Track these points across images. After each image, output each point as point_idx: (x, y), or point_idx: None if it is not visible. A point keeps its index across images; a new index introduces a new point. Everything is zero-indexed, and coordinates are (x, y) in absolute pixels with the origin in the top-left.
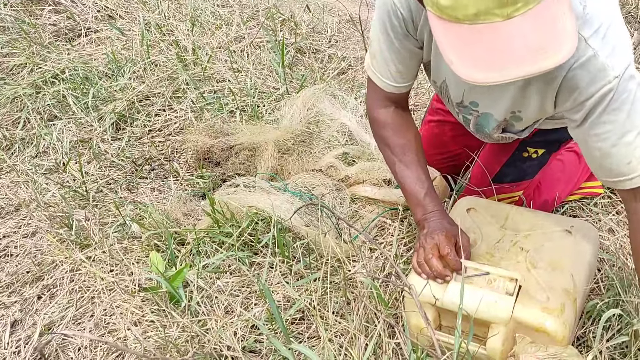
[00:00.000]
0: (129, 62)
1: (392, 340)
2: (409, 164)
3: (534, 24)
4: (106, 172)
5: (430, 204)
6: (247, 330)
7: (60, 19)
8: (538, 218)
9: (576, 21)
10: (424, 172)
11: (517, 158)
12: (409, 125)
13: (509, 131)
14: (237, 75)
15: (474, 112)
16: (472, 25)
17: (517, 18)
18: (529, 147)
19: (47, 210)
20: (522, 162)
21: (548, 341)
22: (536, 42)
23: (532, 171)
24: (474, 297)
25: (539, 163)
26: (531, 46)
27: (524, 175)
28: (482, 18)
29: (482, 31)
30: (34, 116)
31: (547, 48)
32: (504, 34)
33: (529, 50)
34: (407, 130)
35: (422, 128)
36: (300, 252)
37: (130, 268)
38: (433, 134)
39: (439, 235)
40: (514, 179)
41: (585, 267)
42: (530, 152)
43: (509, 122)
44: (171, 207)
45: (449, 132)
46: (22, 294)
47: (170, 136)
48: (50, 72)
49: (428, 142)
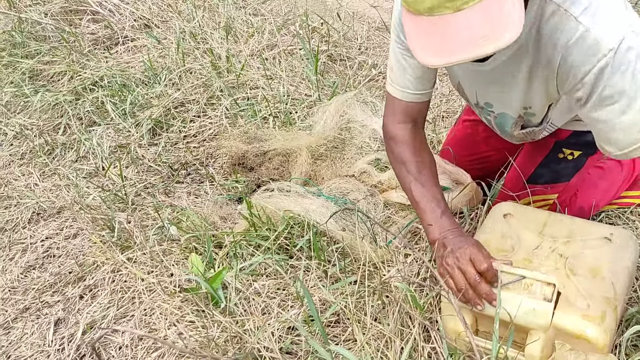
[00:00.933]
0: (164, 70)
1: (428, 344)
2: (425, 183)
3: (481, 14)
4: (144, 177)
5: (447, 222)
6: (283, 331)
7: (99, 28)
8: (576, 225)
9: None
10: (439, 191)
11: (552, 159)
12: (425, 145)
13: (528, 126)
14: (269, 82)
15: (490, 112)
16: (429, 17)
17: (466, 10)
18: (565, 148)
19: (89, 212)
20: (557, 164)
21: (588, 349)
22: (481, 31)
23: (568, 173)
24: (512, 302)
25: (575, 165)
26: (476, 35)
27: (559, 177)
28: (436, 11)
29: (436, 22)
30: (74, 122)
31: (490, 36)
32: (453, 25)
33: (473, 38)
34: (423, 149)
35: (456, 127)
36: (335, 256)
37: (170, 269)
38: (466, 133)
39: (470, 249)
40: (549, 181)
41: (625, 275)
42: (566, 153)
43: (525, 119)
44: (208, 211)
45: (482, 133)
46: (65, 293)
47: (205, 142)
48: (90, 80)
49: (460, 143)
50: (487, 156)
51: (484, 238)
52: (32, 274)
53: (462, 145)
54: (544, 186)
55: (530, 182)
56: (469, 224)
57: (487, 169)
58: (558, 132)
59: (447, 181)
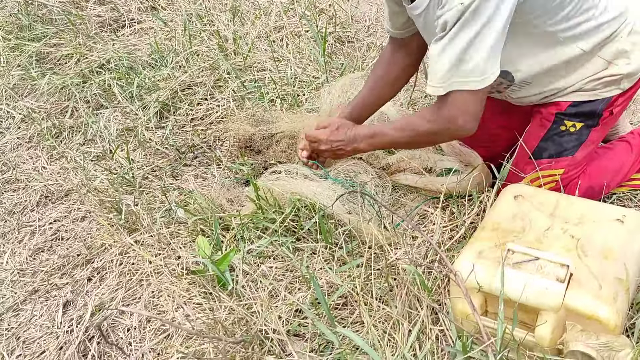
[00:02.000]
0: (171, 52)
1: (436, 326)
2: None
3: None
4: (151, 160)
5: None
6: (291, 314)
7: (105, 10)
8: (588, 206)
9: None
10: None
11: (554, 132)
12: (392, 60)
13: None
14: (277, 65)
15: None
16: None
17: None
18: (566, 120)
19: (96, 195)
20: (560, 137)
21: (600, 330)
22: None
23: (572, 146)
24: (522, 283)
25: (578, 138)
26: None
27: (563, 151)
28: None
29: None
30: (82, 105)
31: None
32: None
33: None
34: (385, 62)
35: None
36: (342, 238)
37: (178, 252)
38: None
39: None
40: (553, 154)
41: (638, 257)
42: (568, 125)
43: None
44: (215, 194)
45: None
46: (73, 275)
47: (212, 124)
48: (97, 62)
49: None
50: (495, 134)
51: (494, 219)
52: (41, 256)
53: None
54: (549, 160)
55: (535, 157)
56: (477, 207)
57: (495, 150)
58: (558, 104)
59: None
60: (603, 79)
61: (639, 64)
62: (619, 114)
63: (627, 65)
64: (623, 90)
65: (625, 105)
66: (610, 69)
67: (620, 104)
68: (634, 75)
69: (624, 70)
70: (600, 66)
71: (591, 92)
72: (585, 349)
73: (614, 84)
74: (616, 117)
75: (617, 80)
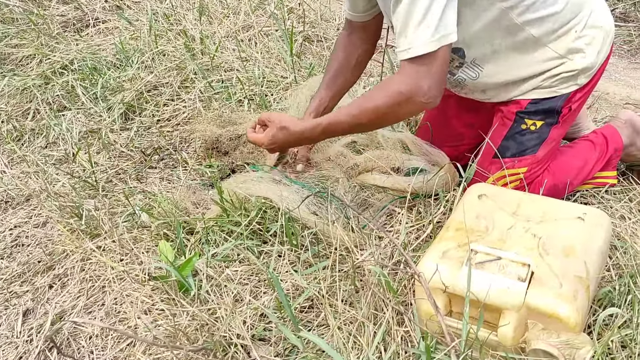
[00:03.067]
0: (137, 52)
1: (401, 328)
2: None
3: None
4: (115, 162)
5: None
6: (256, 318)
7: (69, 10)
8: (550, 205)
9: None
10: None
11: (516, 131)
12: (351, 43)
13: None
14: (245, 64)
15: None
16: None
17: None
18: (527, 119)
19: (57, 200)
20: (522, 135)
21: (561, 328)
22: None
23: (533, 145)
24: (485, 282)
25: (539, 136)
26: None
27: (525, 150)
28: None
29: None
30: (44, 107)
31: None
32: None
33: None
34: (344, 46)
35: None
36: (308, 240)
37: (140, 257)
38: (437, 109)
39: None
40: (515, 153)
41: (598, 254)
42: (529, 124)
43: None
44: (180, 197)
45: (454, 107)
46: (34, 283)
47: (178, 126)
48: (59, 63)
49: (433, 117)
50: (461, 133)
51: (458, 219)
52: (0, 263)
53: (434, 121)
54: (511, 159)
55: (497, 156)
56: (444, 206)
57: (461, 149)
58: (518, 102)
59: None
60: (560, 75)
61: (594, 59)
62: (578, 110)
63: (582, 59)
64: (580, 85)
65: (584, 101)
66: (566, 64)
67: (578, 100)
68: (590, 70)
69: (580, 65)
70: (556, 61)
71: (549, 89)
72: (546, 347)
73: (571, 79)
74: (575, 114)
75: (573, 75)
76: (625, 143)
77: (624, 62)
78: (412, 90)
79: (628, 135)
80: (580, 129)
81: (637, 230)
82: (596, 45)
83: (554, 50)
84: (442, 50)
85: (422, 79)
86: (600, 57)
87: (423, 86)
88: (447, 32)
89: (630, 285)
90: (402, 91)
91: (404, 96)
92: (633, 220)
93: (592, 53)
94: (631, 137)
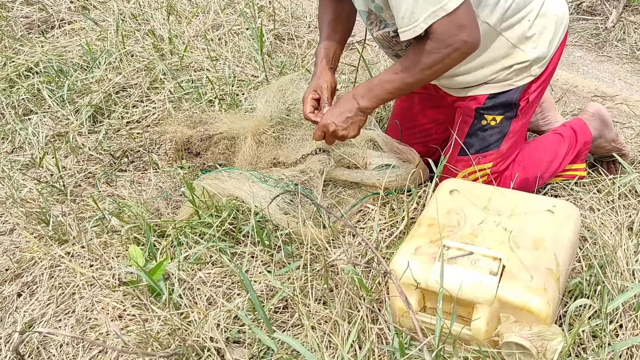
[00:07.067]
0: (104, 53)
1: (375, 325)
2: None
3: None
4: (84, 166)
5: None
6: (230, 320)
7: (33, 11)
8: (520, 199)
9: None
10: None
11: (477, 127)
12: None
13: (387, 28)
14: (215, 64)
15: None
16: None
17: None
18: (486, 114)
19: (24, 206)
20: (483, 131)
21: (532, 320)
22: None
23: (495, 140)
24: (457, 277)
25: (500, 131)
26: None
27: (488, 145)
28: None
29: None
30: (9, 111)
31: None
32: None
33: None
34: (330, 4)
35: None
36: (281, 240)
37: (110, 262)
38: (403, 107)
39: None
40: (479, 149)
41: (568, 246)
42: (489, 119)
43: (378, 16)
44: (150, 200)
45: (417, 105)
46: (2, 292)
47: (148, 127)
48: (24, 66)
49: (399, 116)
50: (427, 129)
51: (430, 215)
52: None
53: (401, 119)
54: (475, 156)
55: (462, 154)
56: (416, 202)
57: (429, 144)
58: (476, 98)
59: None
60: (513, 67)
61: (546, 48)
62: (536, 101)
63: (533, 49)
64: (535, 76)
65: (542, 92)
66: (518, 55)
67: (535, 91)
68: (543, 60)
69: (532, 55)
70: (508, 50)
71: (504, 82)
72: (519, 339)
73: (525, 70)
74: (533, 105)
75: (526, 67)
76: (594, 135)
77: (592, 55)
78: (455, 44)
79: (596, 127)
80: (550, 122)
81: (606, 221)
82: (547, 34)
83: (506, 39)
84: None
85: (459, 31)
86: (552, 47)
87: (463, 36)
88: None
89: (600, 276)
90: (445, 46)
91: (451, 49)
92: (602, 212)
93: (543, 42)
94: (599, 130)
